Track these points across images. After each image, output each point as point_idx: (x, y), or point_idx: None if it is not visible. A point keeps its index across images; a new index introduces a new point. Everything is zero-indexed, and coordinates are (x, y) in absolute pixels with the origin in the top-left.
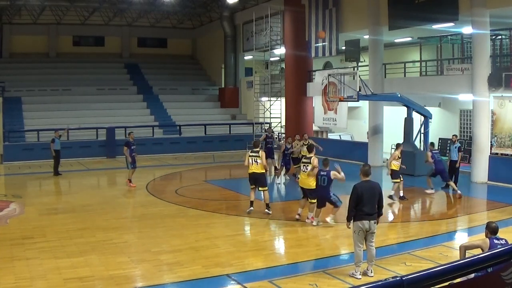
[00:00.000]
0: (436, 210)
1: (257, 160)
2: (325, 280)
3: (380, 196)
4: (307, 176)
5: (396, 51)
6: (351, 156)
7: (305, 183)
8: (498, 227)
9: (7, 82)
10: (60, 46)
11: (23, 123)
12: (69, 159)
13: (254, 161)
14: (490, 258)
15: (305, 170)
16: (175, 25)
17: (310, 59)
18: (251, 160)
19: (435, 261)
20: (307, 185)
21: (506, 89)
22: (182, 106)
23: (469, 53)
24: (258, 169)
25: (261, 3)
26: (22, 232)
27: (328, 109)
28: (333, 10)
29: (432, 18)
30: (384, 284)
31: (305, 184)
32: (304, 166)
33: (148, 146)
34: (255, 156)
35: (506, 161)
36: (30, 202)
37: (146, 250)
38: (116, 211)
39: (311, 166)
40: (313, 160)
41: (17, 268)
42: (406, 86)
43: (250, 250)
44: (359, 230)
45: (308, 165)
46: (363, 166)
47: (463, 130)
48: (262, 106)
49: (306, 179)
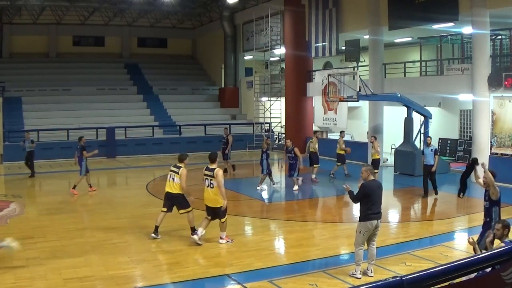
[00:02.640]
0: (436, 210)
1: (175, 178)
2: (325, 280)
3: (382, 195)
4: (213, 193)
5: (396, 51)
6: (351, 156)
7: (211, 200)
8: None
9: (7, 82)
10: (60, 46)
11: (23, 123)
12: (69, 159)
13: (171, 178)
14: (490, 258)
15: (210, 185)
16: (175, 25)
17: (310, 59)
18: (169, 176)
19: (435, 261)
20: (213, 203)
21: (506, 89)
22: (182, 106)
23: (469, 53)
24: (174, 188)
25: (261, 3)
26: (22, 232)
27: (328, 109)
28: (333, 10)
29: (432, 18)
30: (384, 284)
31: (211, 202)
32: (208, 180)
33: (148, 146)
34: (210, 177)
35: (506, 161)
36: (30, 202)
37: (146, 250)
38: (116, 211)
39: (215, 180)
40: (216, 173)
41: (17, 268)
42: (406, 86)
43: (250, 250)
44: (365, 230)
45: (211, 178)
46: (367, 166)
47: (463, 130)
48: (262, 106)
49: (212, 196)
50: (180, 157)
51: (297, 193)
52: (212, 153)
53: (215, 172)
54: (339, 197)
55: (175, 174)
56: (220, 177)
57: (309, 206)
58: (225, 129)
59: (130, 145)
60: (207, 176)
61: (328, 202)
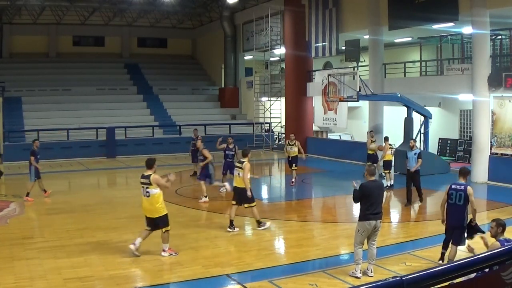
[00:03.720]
0: (436, 210)
1: (240, 173)
2: (325, 280)
3: (383, 195)
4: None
5: (396, 51)
6: (351, 156)
7: (149, 210)
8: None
9: (7, 82)
10: (60, 46)
11: (23, 123)
12: (69, 159)
13: (237, 173)
14: (490, 258)
15: (146, 194)
16: (175, 25)
17: (310, 59)
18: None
19: (435, 261)
20: (152, 213)
21: (506, 89)
22: (182, 106)
23: (469, 53)
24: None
25: (261, 3)
26: (22, 232)
27: (328, 109)
28: (333, 10)
29: (432, 18)
30: (384, 284)
31: (150, 212)
32: (144, 189)
33: (148, 146)
34: (146, 185)
35: (506, 161)
36: (30, 202)
37: (146, 250)
38: (116, 211)
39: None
40: (244, 166)
41: (17, 268)
42: (406, 86)
43: (250, 250)
44: (363, 230)
45: (147, 186)
46: (369, 166)
47: (463, 130)
48: (262, 106)
49: (149, 206)
50: (243, 153)
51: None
52: (149, 158)
53: (244, 165)
54: (339, 197)
55: (239, 169)
56: (247, 169)
57: (309, 206)
58: (195, 130)
59: (130, 145)
60: (143, 184)
61: (328, 202)
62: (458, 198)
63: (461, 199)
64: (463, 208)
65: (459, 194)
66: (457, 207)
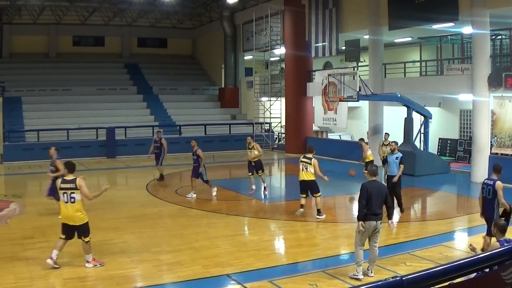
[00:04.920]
0: (436, 210)
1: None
2: (325, 280)
3: (387, 196)
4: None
5: (396, 51)
6: (351, 156)
7: (71, 217)
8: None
9: (7, 82)
10: (60, 46)
11: (23, 123)
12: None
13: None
14: (490, 258)
15: (70, 200)
16: (175, 25)
17: (310, 59)
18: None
19: (435, 261)
20: (74, 220)
21: (506, 89)
22: (182, 106)
23: (469, 53)
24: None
25: (261, 3)
26: (22, 232)
27: (328, 109)
28: (333, 10)
29: (432, 18)
30: (384, 284)
31: (71, 219)
32: (68, 195)
33: (148, 146)
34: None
35: (506, 161)
36: (30, 202)
37: (146, 250)
38: (116, 211)
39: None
40: (313, 162)
41: (17, 268)
42: (406, 86)
43: (250, 250)
44: (363, 231)
45: (73, 191)
46: (370, 166)
47: (463, 130)
48: (262, 106)
49: (72, 213)
50: (309, 149)
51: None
52: (72, 162)
53: (312, 161)
54: (339, 197)
55: (307, 164)
56: (317, 163)
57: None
58: (158, 132)
59: (130, 145)
60: (67, 189)
61: (328, 202)
62: (488, 192)
63: (490, 193)
64: (492, 201)
65: (488, 189)
66: (487, 200)
